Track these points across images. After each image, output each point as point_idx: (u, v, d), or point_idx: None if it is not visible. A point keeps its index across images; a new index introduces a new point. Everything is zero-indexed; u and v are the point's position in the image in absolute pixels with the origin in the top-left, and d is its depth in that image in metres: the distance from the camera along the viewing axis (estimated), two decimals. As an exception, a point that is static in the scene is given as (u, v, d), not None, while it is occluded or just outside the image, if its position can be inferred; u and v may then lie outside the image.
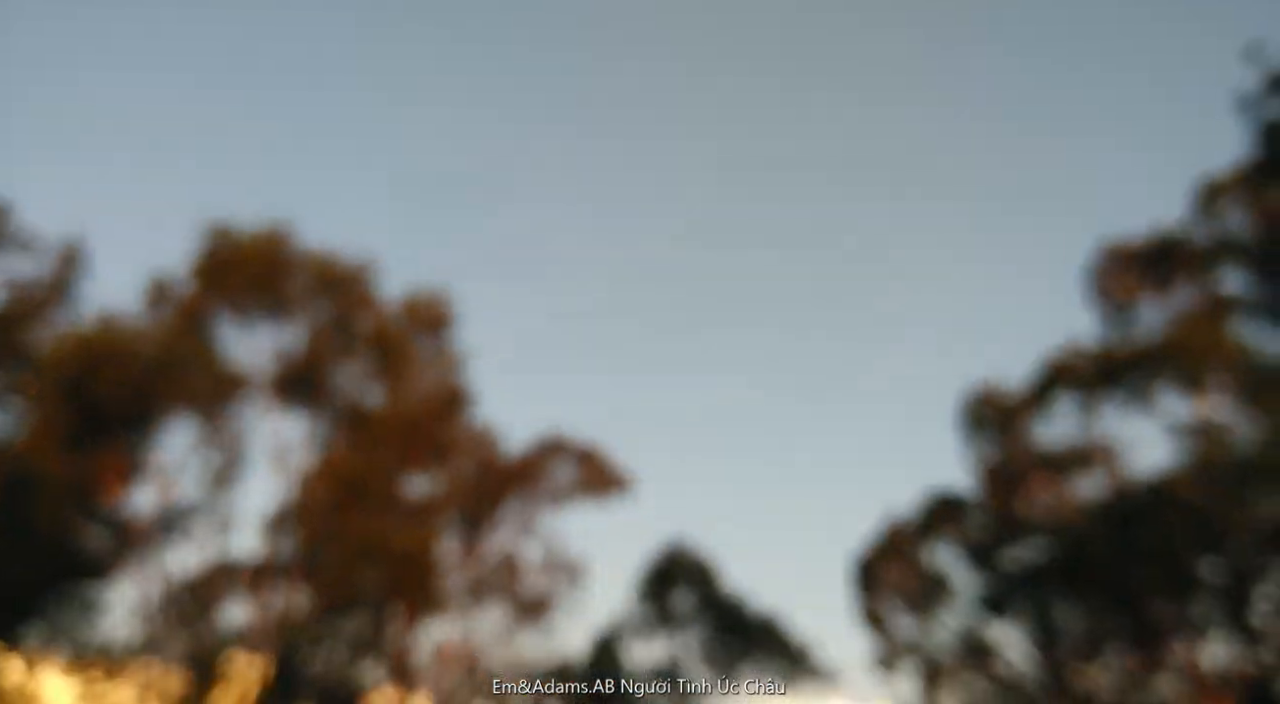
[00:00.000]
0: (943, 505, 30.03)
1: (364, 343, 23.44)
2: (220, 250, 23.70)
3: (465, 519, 27.77)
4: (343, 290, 23.22)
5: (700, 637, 30.44)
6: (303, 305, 23.51)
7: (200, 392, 22.23)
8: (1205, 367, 24.62)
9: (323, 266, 23.14)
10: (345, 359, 23.93)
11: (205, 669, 22.62)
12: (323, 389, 23.94)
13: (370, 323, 23.74)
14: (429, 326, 24.56)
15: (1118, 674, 26.49)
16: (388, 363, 23.33)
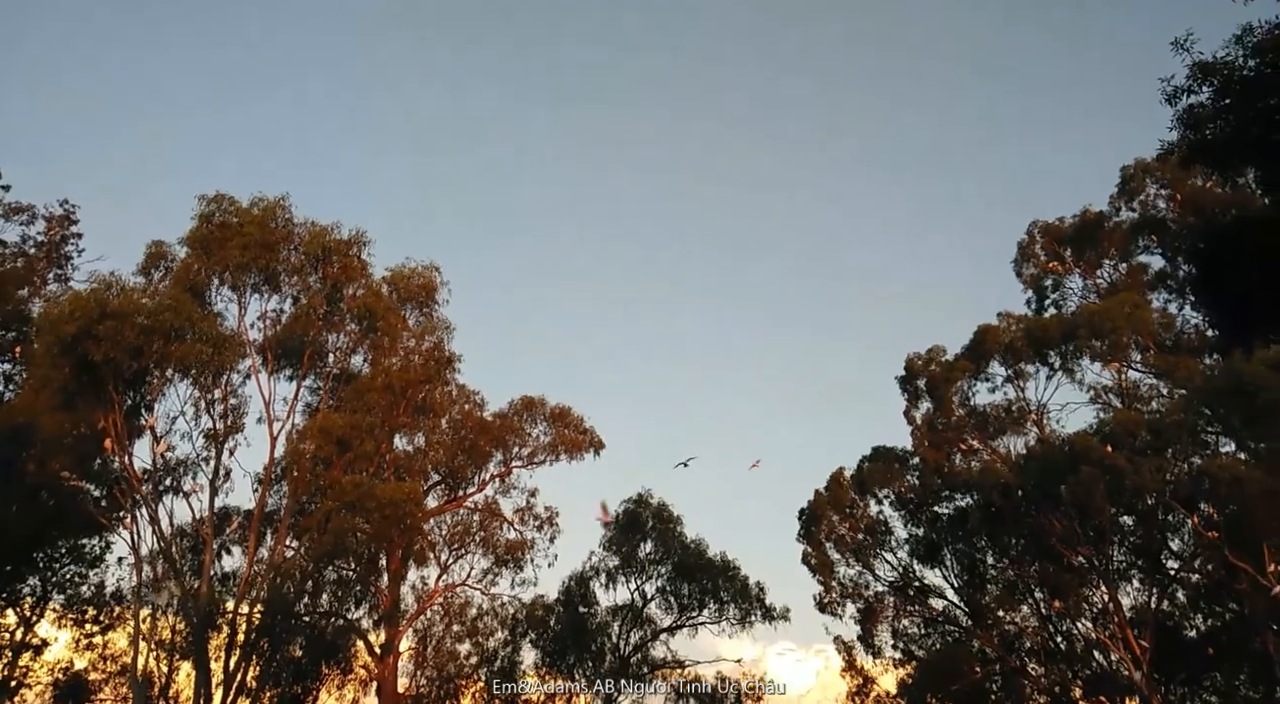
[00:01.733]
0: (884, 460, 30.47)
1: (353, 311, 22.94)
2: (217, 220, 23.01)
3: (447, 474, 27.60)
4: (334, 261, 22.65)
5: (663, 580, 30.71)
6: (296, 274, 22.93)
7: (196, 355, 21.61)
8: (1124, 337, 25.20)
9: (316, 238, 22.53)
10: (335, 326, 23.45)
11: (200, 617, 22.28)
12: (313, 354, 23.44)
13: (360, 292, 23.23)
14: (416, 297, 24.11)
15: (1040, 616, 27.28)
16: (375, 330, 22.84)
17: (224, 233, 22.15)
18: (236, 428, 23.01)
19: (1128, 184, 27.32)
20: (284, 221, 22.51)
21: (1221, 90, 14.23)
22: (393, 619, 26.44)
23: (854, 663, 31.35)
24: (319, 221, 22.85)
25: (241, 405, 23.32)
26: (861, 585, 31.07)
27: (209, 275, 22.47)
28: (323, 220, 23.13)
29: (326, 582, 24.72)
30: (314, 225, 22.68)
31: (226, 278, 22.53)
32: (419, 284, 23.98)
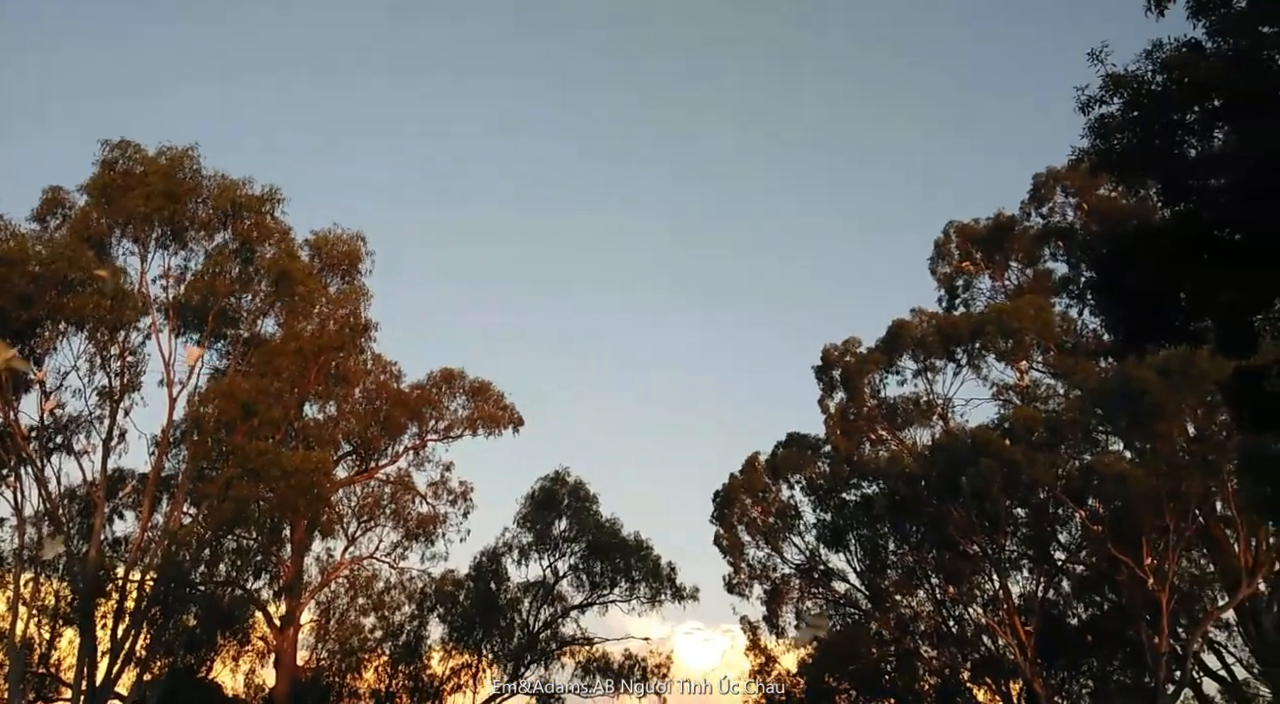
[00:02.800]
0: (798, 447, 30.91)
1: (268, 272, 21.88)
2: (120, 168, 21.62)
3: (359, 444, 26.79)
4: (246, 217, 21.52)
5: (575, 557, 30.61)
6: (204, 230, 21.73)
7: (93, 308, 20.33)
8: (1028, 338, 26.09)
9: (226, 192, 21.36)
10: (246, 286, 22.34)
11: (86, 582, 21.14)
12: (220, 315, 22.32)
13: (275, 253, 22.16)
14: (339, 265, 23.17)
15: (935, 601, 28.19)
16: (291, 294, 21.83)
17: (127, 181, 20.81)
18: (133, 386, 21.83)
19: (1038, 191, 28.28)
20: (192, 173, 21.30)
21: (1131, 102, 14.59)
22: (295, 591, 25.64)
23: (758, 643, 31.87)
24: (230, 175, 21.69)
25: (140, 364, 22.14)
26: (770, 567, 31.55)
27: (110, 226, 21.13)
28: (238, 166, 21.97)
29: (225, 550, 23.79)
30: (224, 179, 21.52)
31: (129, 230, 21.21)
32: (343, 252, 23.07)
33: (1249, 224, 14.03)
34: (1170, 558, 22.75)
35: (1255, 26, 13.39)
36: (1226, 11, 13.57)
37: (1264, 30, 13.44)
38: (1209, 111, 14.20)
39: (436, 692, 28.52)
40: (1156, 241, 14.59)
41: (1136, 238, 15.49)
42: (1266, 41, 13.46)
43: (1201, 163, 14.43)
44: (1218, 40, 13.73)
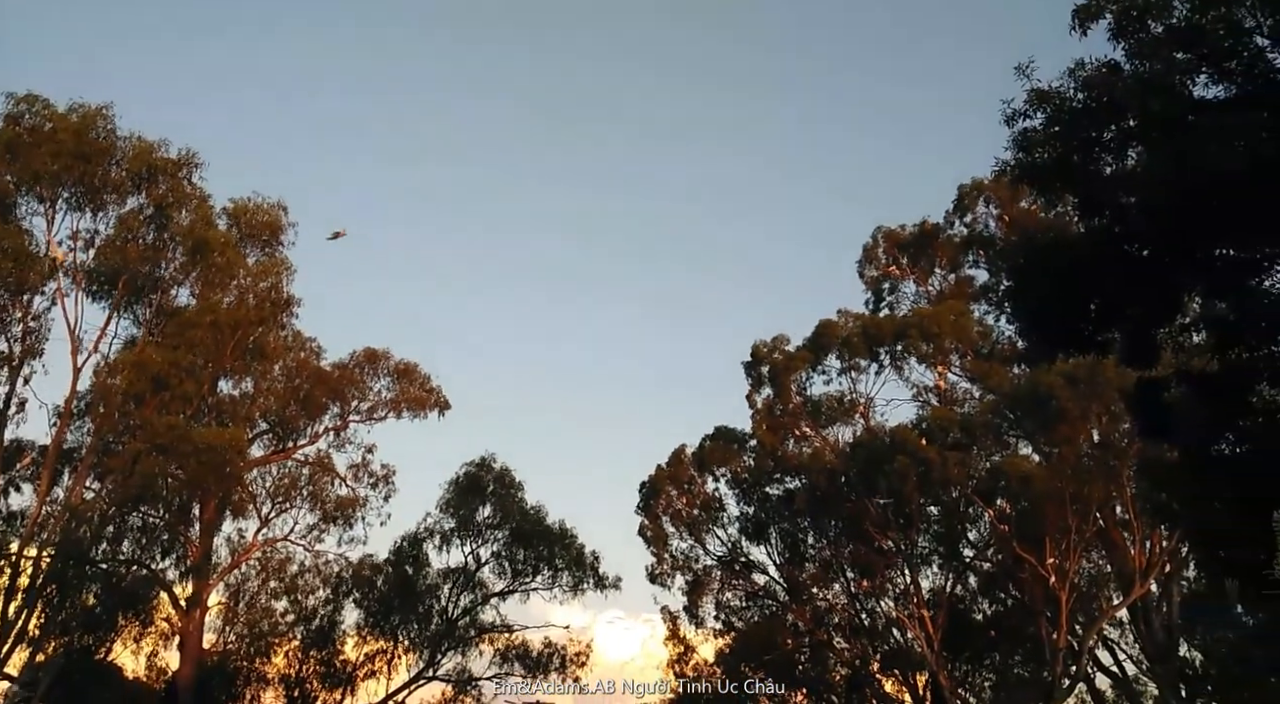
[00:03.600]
0: (724, 441, 31.18)
1: (182, 239, 20.91)
2: (27, 123, 20.37)
3: (277, 423, 25.92)
4: (161, 181, 20.50)
5: (499, 544, 30.31)
6: (116, 192, 20.63)
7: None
8: (947, 342, 26.82)
9: (140, 154, 20.31)
10: (160, 254, 21.32)
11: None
12: (132, 282, 21.27)
13: (191, 220, 21.19)
14: (258, 235, 22.27)
15: (849, 594, 28.83)
16: (208, 264, 20.93)
17: (35, 138, 19.62)
18: (35, 352, 20.66)
19: (963, 200, 29.09)
20: (105, 133, 20.20)
21: (1053, 118, 14.99)
22: (202, 572, 24.72)
23: (677, 632, 32.12)
24: (145, 137, 20.62)
25: (43, 329, 20.97)
26: (692, 558, 31.81)
27: (15, 185, 19.91)
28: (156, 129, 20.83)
29: (130, 528, 22.85)
30: (139, 141, 20.48)
31: (35, 189, 20.02)
32: (263, 221, 22.18)
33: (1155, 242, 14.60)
34: (1071, 558, 23.69)
35: (1169, 52, 13.88)
36: (1144, 36, 14.05)
37: (1177, 56, 13.93)
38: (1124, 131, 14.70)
39: (349, 678, 27.92)
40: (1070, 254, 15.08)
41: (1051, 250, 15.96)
42: (1179, 67, 13.96)
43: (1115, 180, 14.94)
44: (1135, 63, 14.21)
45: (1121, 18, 13.76)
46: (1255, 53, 13.51)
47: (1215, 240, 13.60)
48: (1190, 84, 14.04)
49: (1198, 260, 14.08)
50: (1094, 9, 14.05)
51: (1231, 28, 13.35)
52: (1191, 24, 13.52)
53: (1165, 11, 13.68)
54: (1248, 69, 13.47)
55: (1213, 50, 13.45)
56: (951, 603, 26.89)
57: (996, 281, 26.07)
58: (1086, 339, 15.69)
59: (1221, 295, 14.39)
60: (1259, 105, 12.85)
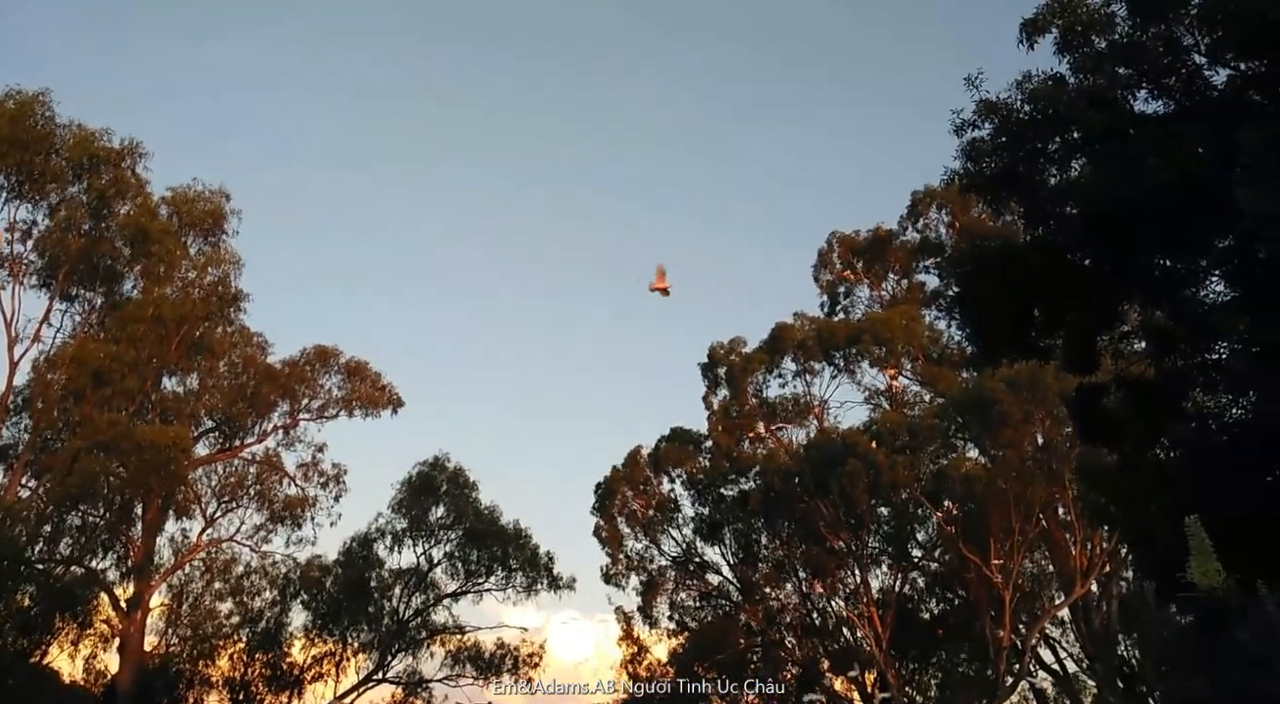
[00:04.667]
0: (680, 442, 31.25)
1: (124, 230, 20.29)
2: (-40, 110, 19.61)
3: (223, 421, 25.32)
4: (103, 171, 19.88)
5: (452, 545, 30.01)
6: (55, 181, 19.96)
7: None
8: (899, 346, 27.23)
9: (81, 143, 19.67)
10: (101, 245, 20.69)
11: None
12: (72, 274, 20.61)
13: (133, 211, 20.58)
14: (200, 224, 21.67)
15: (801, 593, 29.11)
16: (149, 255, 20.34)
17: (-32, 125, 18.93)
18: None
19: (916, 208, 29.61)
20: (43, 121, 19.52)
21: (1000, 128, 15.27)
22: (144, 572, 24.04)
23: (631, 633, 32.11)
24: (87, 125, 19.96)
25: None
26: (647, 559, 31.82)
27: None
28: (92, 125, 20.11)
29: (68, 527, 22.15)
30: (80, 129, 19.83)
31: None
32: (205, 210, 21.60)
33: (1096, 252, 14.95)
34: (1015, 558, 24.19)
35: (1112, 67, 14.23)
36: (1088, 51, 14.38)
37: (1120, 71, 14.29)
38: (1069, 143, 15.03)
39: (297, 681, 27.39)
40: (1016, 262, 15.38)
41: (996, 258, 16.26)
42: (1121, 82, 14.32)
43: (1058, 191, 15.26)
44: (1079, 77, 14.55)
45: (1067, 32, 14.10)
46: (1193, 69, 13.93)
47: (1153, 251, 13.99)
48: (1131, 98, 14.44)
49: (1136, 271, 14.46)
50: (1041, 23, 14.37)
51: (1170, 45, 13.73)
52: (1133, 40, 13.89)
53: (1108, 27, 14.04)
54: (1186, 85, 13.89)
55: (1152, 66, 13.84)
56: (900, 602, 27.30)
57: (946, 287, 26.53)
58: (1030, 345, 16.04)
59: (1158, 305, 14.81)
60: (1196, 120, 13.26)
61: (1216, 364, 14.13)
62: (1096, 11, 13.82)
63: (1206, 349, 14.40)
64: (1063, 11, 13.90)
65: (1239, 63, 13.11)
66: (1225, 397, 13.68)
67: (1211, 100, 13.33)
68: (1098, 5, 13.86)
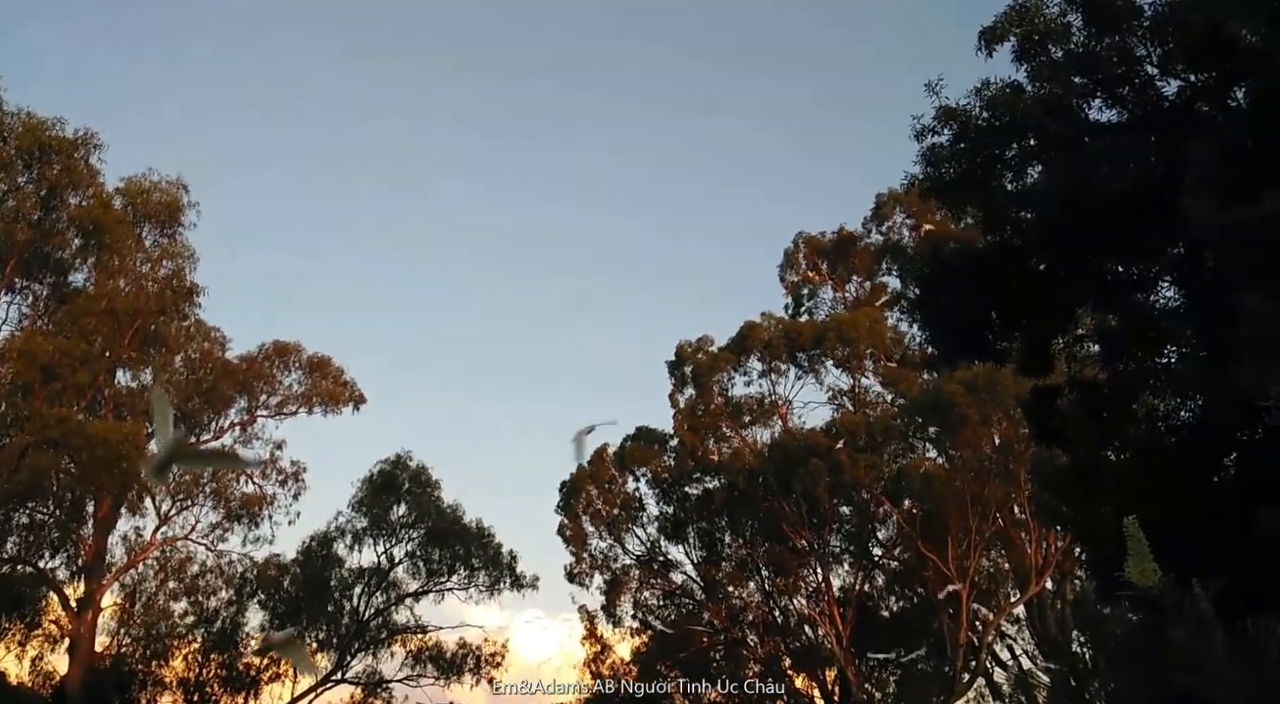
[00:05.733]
0: (646, 441, 31.28)
1: (75, 221, 19.81)
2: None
3: (179, 417, 24.80)
4: (55, 161, 19.38)
5: (413, 544, 29.78)
6: (5, 170, 19.41)
7: None
8: (863, 347, 27.56)
9: (31, 131, 19.16)
10: (52, 237, 20.19)
11: None
12: (20, 265, 20.08)
13: (86, 202, 20.09)
14: (156, 215, 21.21)
15: (764, 592, 29.34)
16: (101, 246, 19.88)
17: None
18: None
19: (880, 210, 29.99)
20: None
21: (959, 134, 15.50)
22: (95, 571, 23.53)
23: (595, 631, 32.10)
24: (37, 113, 19.47)
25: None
26: (611, 558, 31.79)
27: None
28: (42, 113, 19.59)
29: (16, 525, 21.63)
30: (30, 117, 19.32)
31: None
32: (160, 201, 21.14)
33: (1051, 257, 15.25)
34: (972, 556, 24.61)
35: (1068, 76, 14.52)
36: (1045, 60, 14.66)
37: (1075, 80, 14.57)
38: (1025, 149, 15.32)
39: (253, 681, 27.01)
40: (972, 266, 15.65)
41: (955, 261, 16.51)
42: (1076, 90, 14.61)
43: (1015, 197, 15.53)
44: (1036, 85, 14.83)
45: (1024, 41, 14.36)
46: (1145, 80, 14.27)
47: (1106, 257, 14.31)
48: (1086, 107, 14.75)
49: (1090, 276, 14.78)
50: (999, 31, 14.62)
51: (1124, 55, 14.04)
52: (1088, 50, 14.18)
53: (1064, 37, 14.32)
54: (1139, 95, 14.22)
55: (1106, 76, 14.15)
56: (860, 600, 27.63)
57: (908, 289, 26.89)
58: (987, 347, 16.32)
59: (1111, 309, 15.16)
60: (1148, 130, 13.58)
61: (1166, 368, 14.49)
62: (1053, 21, 14.08)
63: (1157, 353, 14.75)
64: (1021, 20, 14.15)
65: (1189, 74, 13.44)
66: (1174, 400, 14.02)
67: (1163, 110, 13.65)
68: (1055, 15, 14.11)
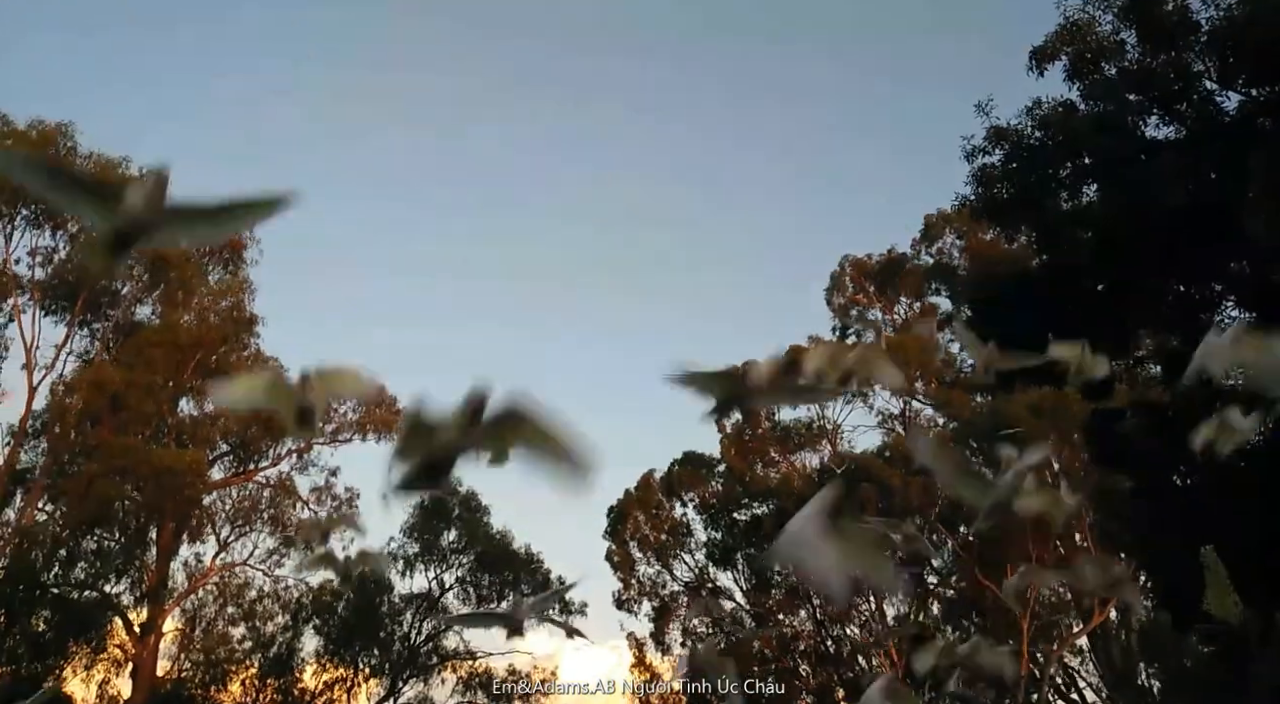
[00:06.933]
0: (693, 465, 31.21)
1: (144, 257, 20.66)
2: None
3: (238, 444, 25.49)
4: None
5: (463, 570, 30.04)
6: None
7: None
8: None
9: (103, 170, 20.10)
10: (119, 271, 21.04)
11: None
12: (90, 299, 20.96)
13: (153, 236, 20.94)
14: (220, 251, 22.02)
15: (815, 620, 28.88)
16: (167, 281, 20.69)
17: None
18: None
19: (929, 231, 29.70)
20: (66, 150, 19.97)
21: (1011, 154, 15.37)
22: (158, 597, 24.14)
23: (643, 659, 31.91)
24: (107, 154, 20.44)
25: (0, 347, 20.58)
26: (659, 584, 31.69)
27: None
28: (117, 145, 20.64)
29: (84, 551, 22.32)
30: (101, 158, 20.27)
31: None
32: (225, 238, 21.95)
33: (1109, 276, 14.96)
34: (1031, 585, 23.89)
35: (1123, 94, 14.33)
36: (1098, 78, 14.50)
37: (1129, 98, 14.38)
38: (1081, 168, 15.11)
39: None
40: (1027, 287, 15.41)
41: (1010, 282, 16.29)
42: (1131, 108, 14.41)
43: (1071, 216, 15.31)
44: (1090, 103, 14.66)
45: (1077, 60, 14.24)
46: (1205, 95, 14.02)
47: (1166, 276, 13.99)
48: (1143, 124, 14.52)
49: (1150, 295, 14.45)
50: (1050, 51, 14.53)
51: (1181, 71, 13.82)
52: (1143, 67, 13.99)
53: (1118, 55, 14.16)
54: (1197, 111, 13.96)
55: (1163, 92, 13.93)
56: (917, 629, 26.98)
57: (959, 311, 26.55)
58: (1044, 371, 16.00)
59: (1173, 329, 14.78)
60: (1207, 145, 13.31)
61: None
62: (1106, 39, 13.97)
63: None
64: (1072, 39, 14.06)
65: (1249, 88, 13.18)
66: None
67: (1222, 125, 13.39)
68: (1107, 33, 13.99)
